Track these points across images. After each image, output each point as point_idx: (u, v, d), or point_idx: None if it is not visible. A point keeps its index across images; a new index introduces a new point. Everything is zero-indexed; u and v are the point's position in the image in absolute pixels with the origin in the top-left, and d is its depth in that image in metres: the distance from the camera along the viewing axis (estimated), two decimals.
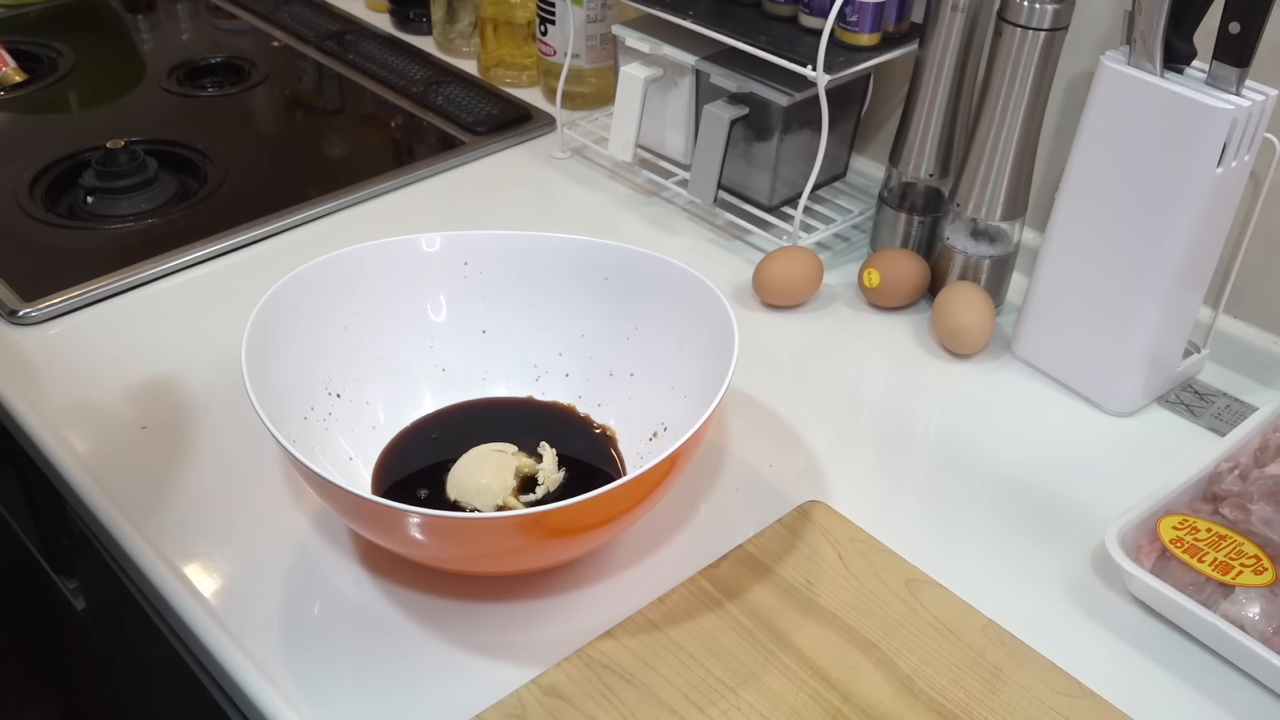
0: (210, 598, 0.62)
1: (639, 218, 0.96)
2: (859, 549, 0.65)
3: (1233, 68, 0.67)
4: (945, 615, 0.62)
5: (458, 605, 0.62)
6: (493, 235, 0.72)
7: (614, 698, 0.57)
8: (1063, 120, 0.85)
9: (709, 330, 0.66)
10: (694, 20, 0.88)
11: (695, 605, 0.62)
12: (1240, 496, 0.66)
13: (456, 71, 1.17)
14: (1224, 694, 0.59)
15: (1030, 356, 0.81)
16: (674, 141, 0.98)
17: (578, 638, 0.60)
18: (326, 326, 0.68)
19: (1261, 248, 0.78)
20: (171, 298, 0.85)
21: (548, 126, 1.07)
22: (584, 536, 0.60)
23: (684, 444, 0.57)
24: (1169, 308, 0.74)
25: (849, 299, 0.88)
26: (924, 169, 0.86)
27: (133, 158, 0.96)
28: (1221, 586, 0.61)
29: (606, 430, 0.71)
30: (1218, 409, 0.78)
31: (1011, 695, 0.58)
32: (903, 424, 0.76)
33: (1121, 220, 0.72)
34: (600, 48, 1.06)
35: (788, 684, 0.58)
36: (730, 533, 0.66)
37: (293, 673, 0.58)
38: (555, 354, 0.73)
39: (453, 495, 0.66)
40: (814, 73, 0.82)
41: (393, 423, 0.70)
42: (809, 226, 0.92)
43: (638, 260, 0.70)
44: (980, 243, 0.84)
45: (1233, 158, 0.68)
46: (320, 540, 0.65)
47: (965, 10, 0.79)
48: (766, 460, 0.72)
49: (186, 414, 0.73)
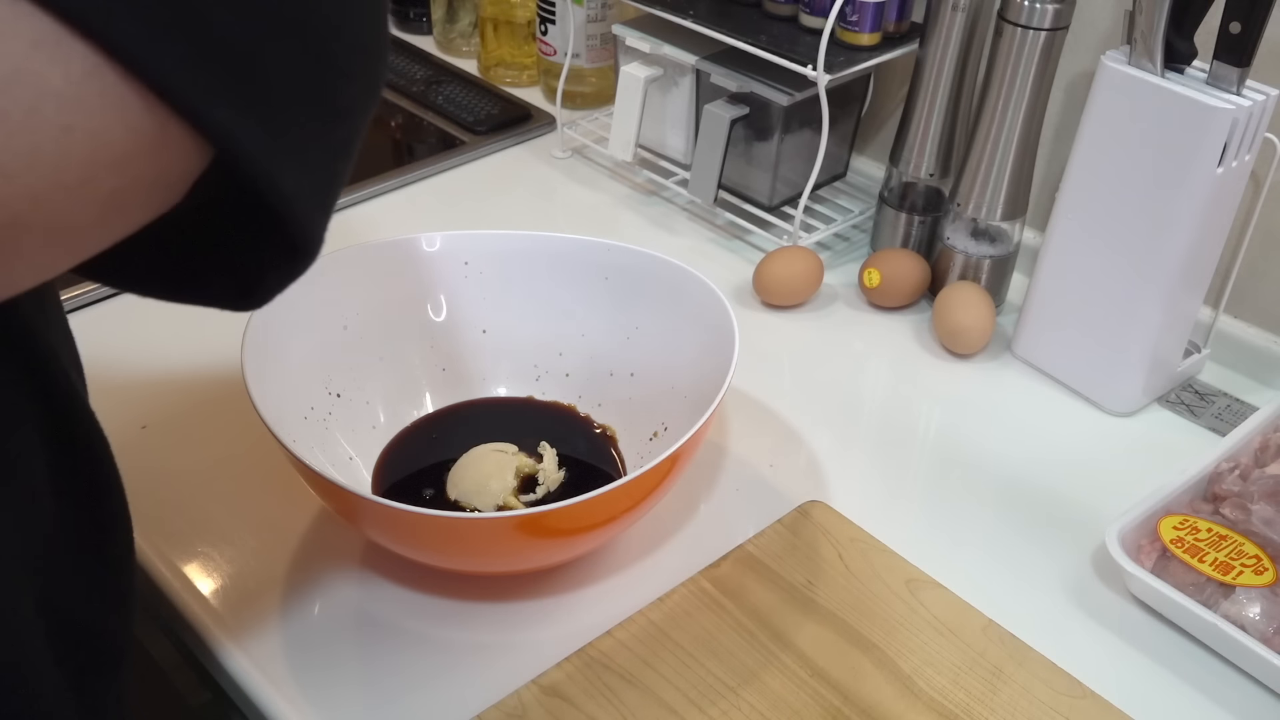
0: (210, 598, 0.62)
1: (639, 218, 0.96)
2: (859, 549, 0.65)
3: (1233, 67, 0.67)
4: (945, 615, 0.62)
5: (458, 605, 0.62)
6: (493, 235, 0.72)
7: (614, 698, 0.57)
8: (1063, 120, 0.85)
9: (709, 330, 0.66)
10: (694, 20, 0.88)
11: (695, 605, 0.62)
12: (1241, 496, 0.66)
13: (456, 71, 1.17)
14: (1224, 694, 0.59)
15: (1030, 356, 0.81)
16: (674, 141, 0.98)
17: (578, 638, 0.60)
18: (326, 326, 0.68)
19: (1261, 248, 0.77)
20: None
21: (548, 126, 1.07)
22: (584, 536, 0.60)
23: (684, 444, 0.57)
24: (1169, 308, 0.74)
25: (849, 299, 0.88)
26: (924, 169, 0.86)
27: None
28: (1222, 586, 0.61)
29: (607, 430, 0.71)
30: (1218, 409, 0.78)
31: (1012, 695, 0.58)
32: (903, 424, 0.76)
33: (1122, 220, 0.72)
34: (600, 47, 1.06)
35: (788, 684, 0.58)
36: (730, 533, 0.66)
37: (293, 673, 0.58)
38: (555, 354, 0.73)
39: (453, 495, 0.65)
40: (814, 72, 0.82)
41: (393, 423, 0.70)
42: (809, 226, 0.92)
43: (638, 260, 0.70)
44: (980, 243, 0.84)
45: (1233, 158, 0.68)
46: (320, 540, 0.65)
47: (966, 10, 0.79)
48: (766, 460, 0.72)
49: (186, 414, 0.73)
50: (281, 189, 0.30)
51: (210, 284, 0.37)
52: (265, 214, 0.32)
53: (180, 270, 0.36)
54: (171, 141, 0.28)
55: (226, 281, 0.37)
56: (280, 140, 0.30)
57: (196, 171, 0.30)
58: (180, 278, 0.37)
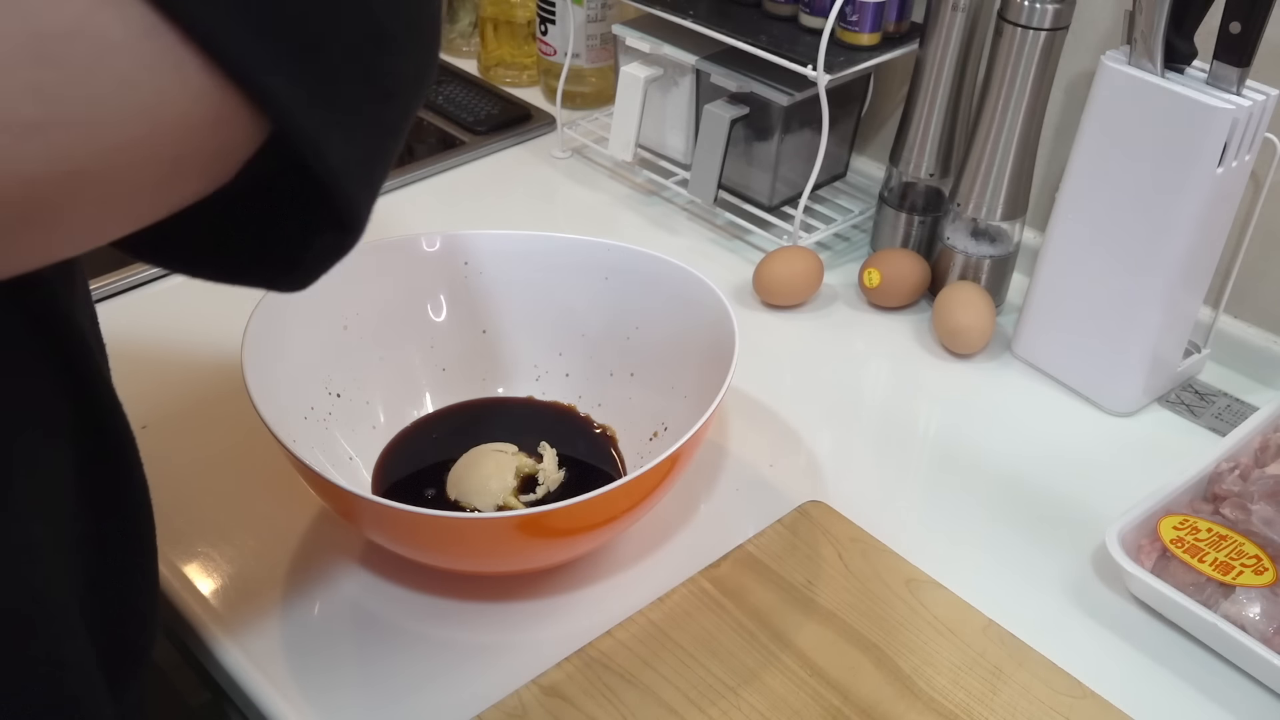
0: (210, 598, 0.62)
1: (639, 217, 0.96)
2: (859, 549, 0.65)
3: (1233, 67, 0.67)
4: (945, 615, 0.62)
5: (458, 605, 0.62)
6: (493, 235, 0.72)
7: (614, 698, 0.57)
8: (1063, 120, 0.85)
9: (709, 330, 0.66)
10: (694, 20, 0.88)
11: (695, 605, 0.62)
12: (1241, 496, 0.66)
13: (456, 71, 1.16)
14: (1224, 694, 0.59)
15: (1030, 356, 0.81)
16: (674, 141, 0.98)
17: (578, 638, 0.60)
18: (326, 326, 0.68)
19: (1262, 248, 0.77)
20: (171, 297, 0.85)
21: (548, 126, 1.07)
22: (584, 536, 0.60)
23: (684, 444, 0.57)
24: (1169, 308, 0.74)
25: (849, 299, 0.88)
26: (924, 169, 0.86)
27: None
28: (1222, 586, 0.61)
29: (607, 430, 0.71)
30: (1218, 409, 0.78)
31: (1012, 695, 0.58)
32: (903, 424, 0.76)
33: (1122, 220, 0.72)
34: (600, 47, 1.06)
35: (788, 684, 0.58)
36: (730, 533, 0.66)
37: (293, 673, 0.58)
38: (555, 354, 0.73)
39: (453, 495, 0.65)
40: (814, 72, 0.82)
41: (393, 423, 0.70)
42: (809, 226, 0.92)
43: (638, 260, 0.70)
44: (980, 242, 0.84)
45: (1233, 158, 0.68)
46: (320, 540, 0.65)
47: (966, 10, 0.79)
48: (766, 460, 0.72)
49: (187, 413, 0.73)
50: (329, 162, 0.31)
51: (258, 264, 0.38)
52: (313, 190, 0.33)
53: (229, 251, 0.38)
54: (228, 111, 0.29)
55: (274, 261, 0.38)
56: (330, 114, 0.31)
57: (253, 145, 0.31)
58: (228, 258, 0.38)
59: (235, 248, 0.37)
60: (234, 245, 0.37)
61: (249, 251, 0.37)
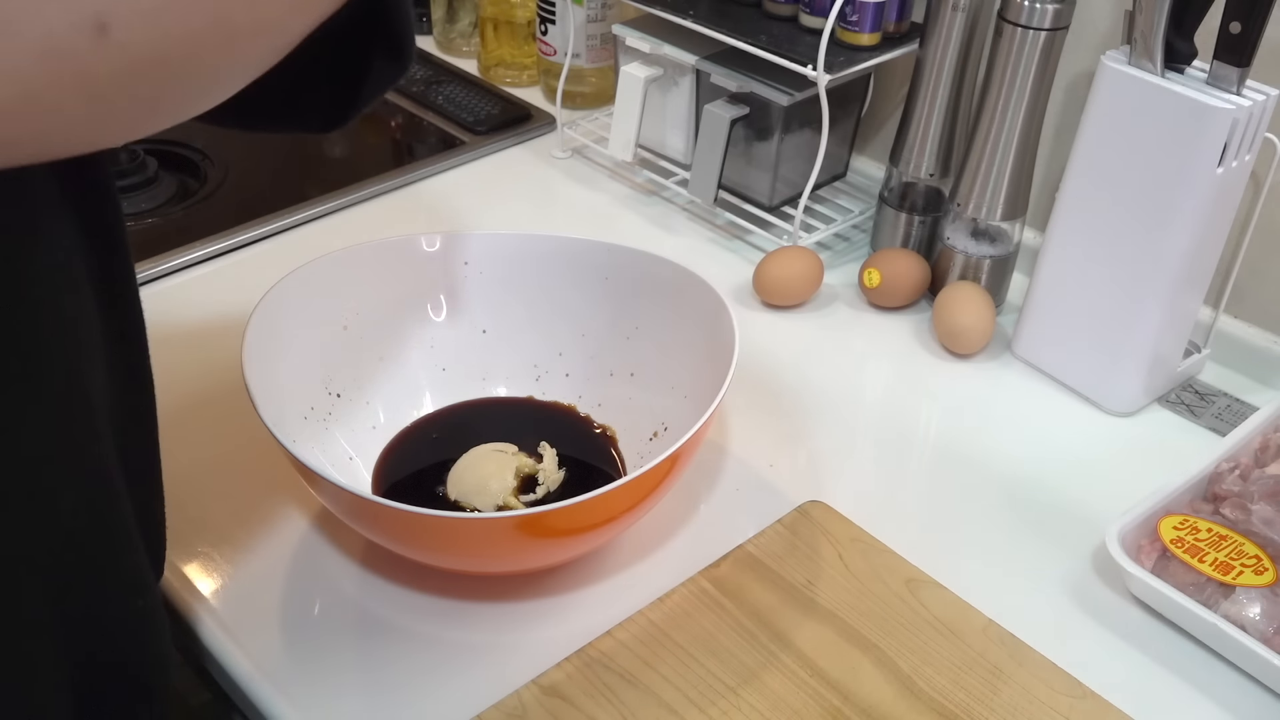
0: (210, 598, 0.62)
1: (639, 217, 0.96)
2: (859, 549, 0.65)
3: (1233, 67, 0.67)
4: (945, 615, 0.62)
5: (458, 605, 0.62)
6: (493, 235, 0.72)
7: (614, 698, 0.57)
8: (1063, 120, 0.85)
9: (709, 330, 0.66)
10: (694, 20, 0.88)
11: (695, 605, 0.62)
12: (1241, 496, 0.66)
13: (456, 71, 1.16)
14: (1224, 694, 0.59)
15: (1030, 356, 0.81)
16: (674, 141, 0.98)
17: (578, 638, 0.60)
18: (326, 326, 0.68)
19: (1262, 248, 0.77)
20: (171, 297, 0.85)
21: (548, 126, 1.07)
22: (584, 536, 0.60)
23: (684, 444, 0.57)
24: (1169, 307, 0.74)
25: (849, 299, 0.88)
26: (924, 169, 0.86)
27: (132, 157, 0.96)
28: (1222, 587, 0.61)
29: (607, 430, 0.71)
30: (1218, 409, 0.78)
31: (1012, 695, 0.58)
32: (903, 424, 0.76)
33: (1122, 220, 0.72)
34: (600, 47, 1.06)
35: (788, 684, 0.58)
36: (730, 533, 0.66)
37: (293, 673, 0.58)
38: (555, 354, 0.73)
39: (453, 495, 0.65)
40: (814, 72, 0.82)
41: (393, 423, 0.70)
42: (809, 226, 0.92)
43: (638, 260, 0.70)
44: (980, 242, 0.84)
45: (1233, 157, 0.68)
46: (320, 540, 0.65)
47: (966, 10, 0.79)
48: (766, 460, 0.72)
49: (186, 413, 0.73)
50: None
51: (305, 108, 0.43)
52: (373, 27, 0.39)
53: (279, 97, 0.41)
54: None
55: (322, 103, 0.43)
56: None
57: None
58: (279, 105, 0.43)
59: (286, 95, 0.41)
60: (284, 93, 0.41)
61: (299, 97, 0.42)
